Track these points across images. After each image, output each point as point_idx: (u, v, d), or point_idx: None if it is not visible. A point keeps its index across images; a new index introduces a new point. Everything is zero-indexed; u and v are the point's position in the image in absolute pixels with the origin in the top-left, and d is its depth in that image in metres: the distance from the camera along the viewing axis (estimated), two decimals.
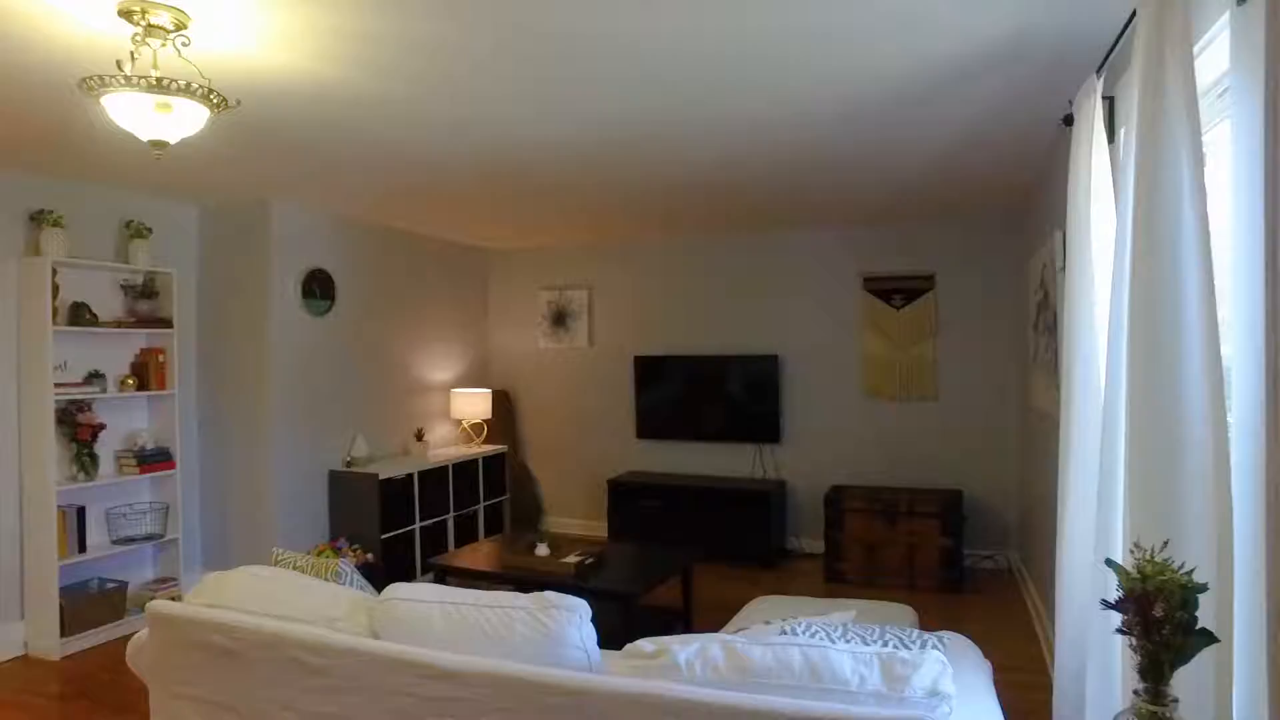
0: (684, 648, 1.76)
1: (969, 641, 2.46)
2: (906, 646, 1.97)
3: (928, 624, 3.14)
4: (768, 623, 2.20)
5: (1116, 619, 1.43)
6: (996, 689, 2.25)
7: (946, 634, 2.21)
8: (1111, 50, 2.32)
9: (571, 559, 3.86)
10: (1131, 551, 1.47)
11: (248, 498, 4.96)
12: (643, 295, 6.61)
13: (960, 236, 5.67)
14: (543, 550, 3.99)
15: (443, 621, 1.95)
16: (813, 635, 1.92)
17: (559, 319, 6.84)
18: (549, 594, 1.96)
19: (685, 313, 6.46)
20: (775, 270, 6.17)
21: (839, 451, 5.98)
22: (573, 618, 1.87)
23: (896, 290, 5.78)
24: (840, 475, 5.95)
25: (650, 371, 6.45)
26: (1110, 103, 2.58)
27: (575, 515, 6.84)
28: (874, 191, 4.69)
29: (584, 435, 6.82)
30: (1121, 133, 2.50)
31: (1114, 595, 1.44)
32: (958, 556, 5.07)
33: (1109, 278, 2.01)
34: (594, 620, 1.97)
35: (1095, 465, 2.18)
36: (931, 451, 5.75)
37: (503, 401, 6.91)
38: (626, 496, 6.06)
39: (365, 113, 3.09)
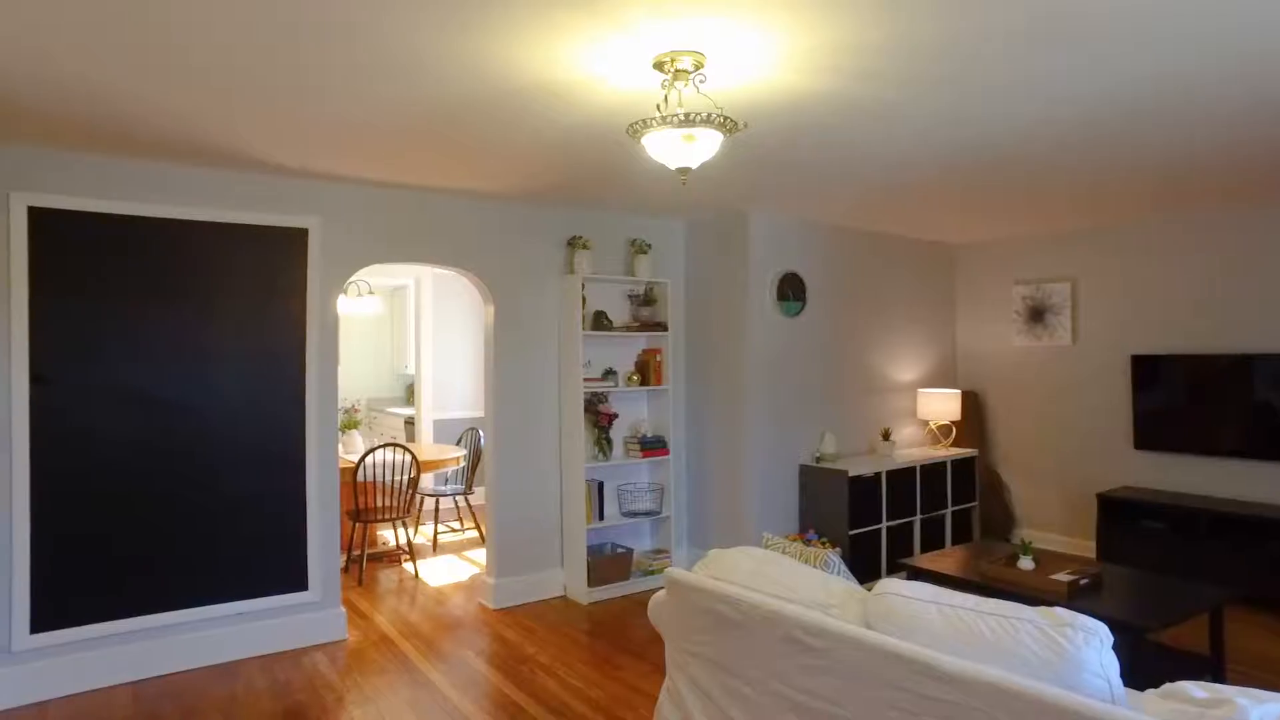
0: (1256, 704, 1.49)
1: None
2: None
3: None
4: None
5: None
6: None
7: None
8: None
9: (1062, 577, 3.50)
10: None
11: (727, 484, 5.44)
12: (1138, 285, 5.72)
13: None
14: (1026, 564, 3.69)
15: (941, 622, 1.92)
16: None
17: (1036, 315, 6.26)
18: (1061, 610, 1.80)
19: (1196, 304, 5.43)
20: None
21: None
22: (1092, 640, 1.70)
23: None
24: None
25: (1151, 372, 5.56)
26: None
27: (1053, 530, 6.20)
28: None
29: (1065, 442, 6.14)
30: None
31: None
32: None
33: None
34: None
35: None
36: None
37: (972, 403, 6.56)
38: (1122, 514, 5.31)
39: (849, 120, 3.18)
